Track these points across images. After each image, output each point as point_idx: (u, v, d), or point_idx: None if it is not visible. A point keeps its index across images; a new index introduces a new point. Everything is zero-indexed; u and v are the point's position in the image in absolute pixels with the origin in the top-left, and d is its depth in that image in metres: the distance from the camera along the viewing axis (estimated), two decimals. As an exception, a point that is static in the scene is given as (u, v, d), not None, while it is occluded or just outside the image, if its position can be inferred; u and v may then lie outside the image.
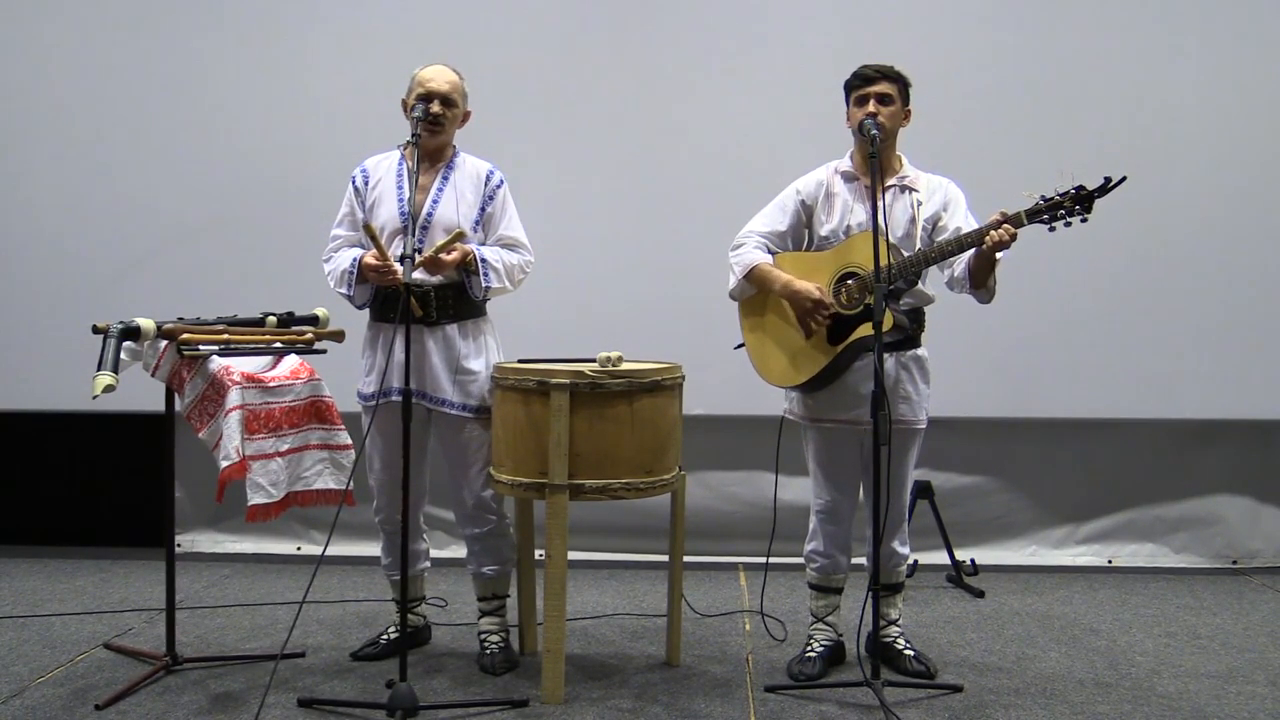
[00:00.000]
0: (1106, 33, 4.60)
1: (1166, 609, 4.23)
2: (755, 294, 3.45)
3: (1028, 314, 4.50)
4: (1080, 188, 3.11)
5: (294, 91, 4.77)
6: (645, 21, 4.72)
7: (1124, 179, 3.10)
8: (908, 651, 3.46)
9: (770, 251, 3.43)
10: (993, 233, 3.12)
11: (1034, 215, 3.14)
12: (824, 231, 3.39)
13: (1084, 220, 3.13)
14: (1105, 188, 3.11)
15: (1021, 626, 3.99)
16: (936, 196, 3.38)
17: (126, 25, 4.81)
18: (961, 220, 3.35)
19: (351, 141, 4.02)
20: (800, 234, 3.47)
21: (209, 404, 3.31)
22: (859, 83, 3.33)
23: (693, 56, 4.69)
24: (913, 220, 3.33)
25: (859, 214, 3.35)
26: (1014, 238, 3.11)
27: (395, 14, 4.73)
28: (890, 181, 3.37)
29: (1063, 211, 3.12)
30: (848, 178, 3.41)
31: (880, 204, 3.16)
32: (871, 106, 3.28)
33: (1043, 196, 3.14)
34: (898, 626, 3.53)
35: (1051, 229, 3.16)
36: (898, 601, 3.55)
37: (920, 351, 3.42)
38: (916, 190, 3.36)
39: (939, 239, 3.34)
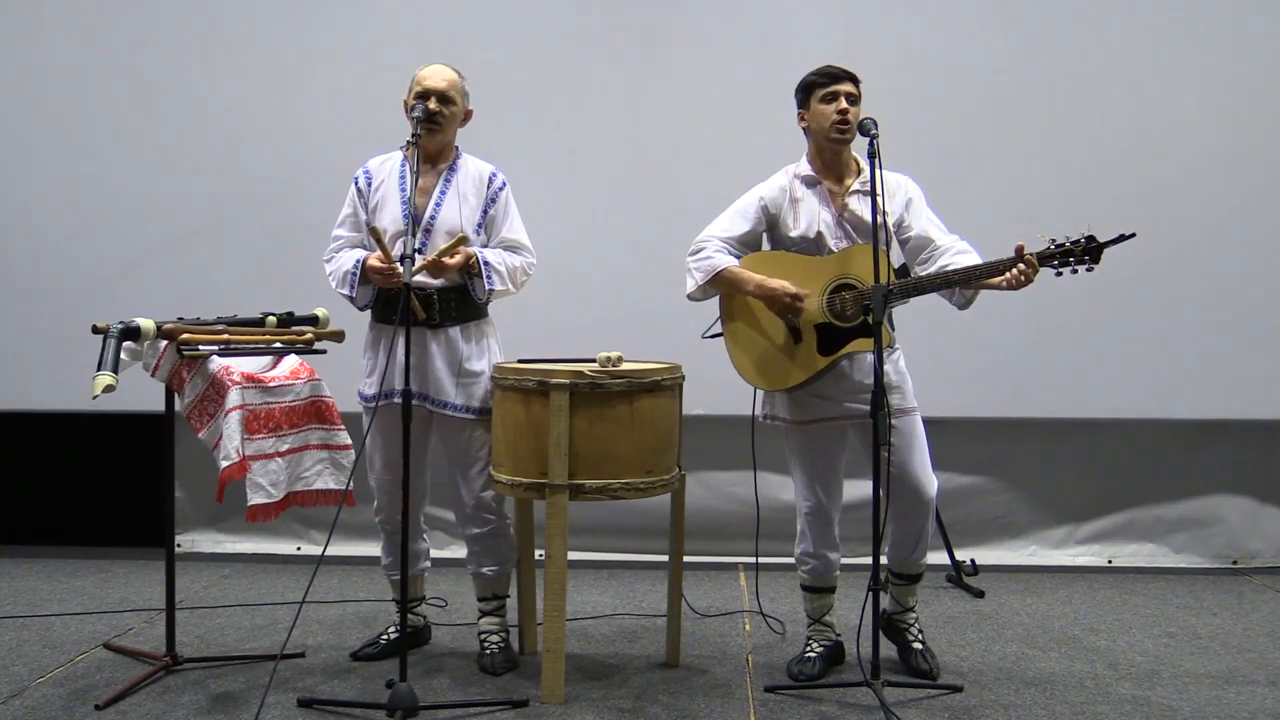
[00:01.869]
0: (1107, 35, 4.60)
1: (1166, 609, 4.23)
2: (727, 297, 3.43)
3: (1027, 314, 4.49)
4: (1091, 238, 3.09)
5: (294, 92, 4.77)
6: (646, 22, 4.72)
7: (1134, 235, 3.07)
8: (916, 644, 3.46)
9: (734, 256, 3.41)
10: (1013, 271, 3.09)
11: (1045, 259, 3.11)
12: (794, 235, 3.36)
13: (1089, 269, 3.11)
14: (1115, 241, 3.08)
15: (1021, 626, 3.99)
16: (898, 196, 3.37)
17: (126, 25, 4.80)
18: (925, 222, 3.34)
19: (351, 142, 4.02)
20: (757, 239, 3.45)
21: (209, 404, 3.31)
22: (827, 80, 3.31)
23: (694, 57, 4.68)
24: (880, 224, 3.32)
25: (827, 217, 3.35)
26: (1030, 279, 3.09)
27: (395, 14, 4.73)
28: (853, 185, 3.35)
29: (1072, 259, 3.11)
30: (809, 182, 3.39)
31: (882, 205, 3.15)
32: (842, 103, 3.28)
33: (1054, 241, 3.12)
34: (913, 614, 3.53)
35: (1058, 274, 3.14)
36: (915, 590, 3.55)
37: (895, 344, 3.42)
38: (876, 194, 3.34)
39: (903, 236, 3.35)
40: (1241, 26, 4.57)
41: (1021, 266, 3.08)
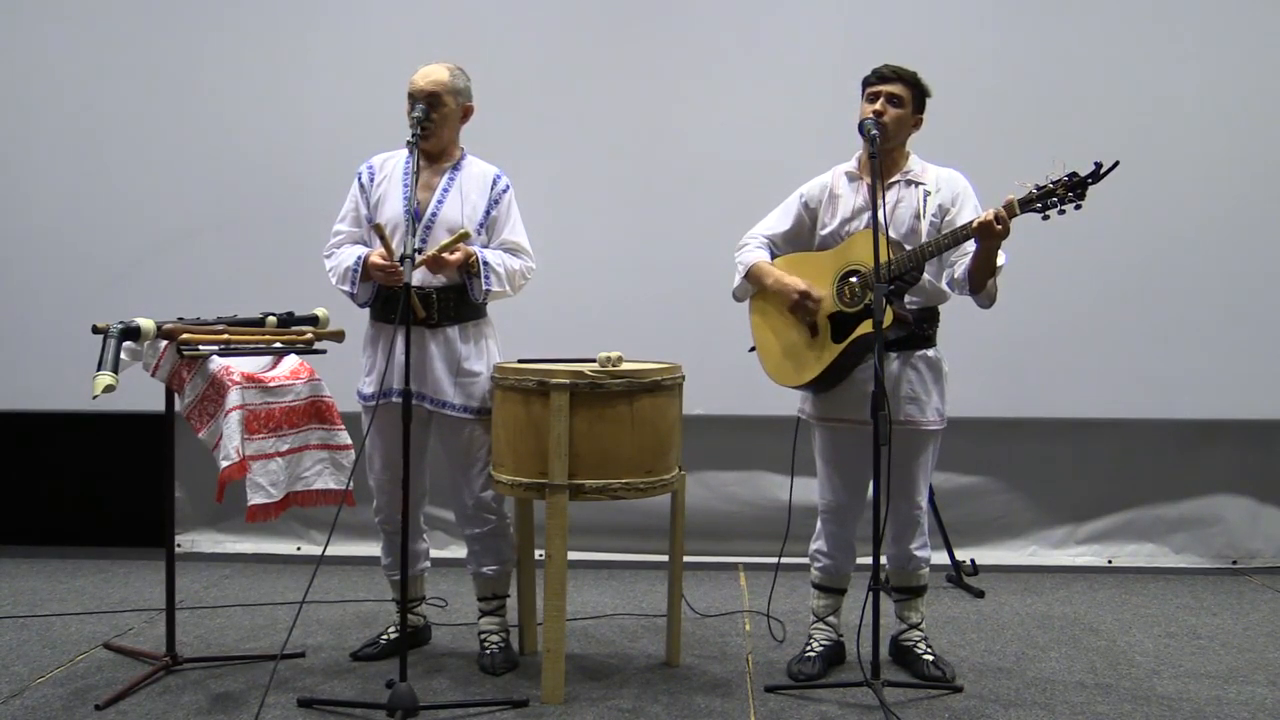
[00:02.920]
0: (1107, 32, 4.60)
1: (1166, 609, 4.23)
2: (757, 294, 3.46)
3: (1028, 314, 4.49)
4: (1073, 174, 3.07)
5: (293, 92, 4.77)
6: (646, 20, 4.72)
7: (1116, 164, 3.06)
8: (926, 656, 3.44)
9: (771, 253, 3.45)
10: (981, 214, 3.09)
11: (1026, 204, 3.09)
12: (825, 232, 3.39)
13: (1077, 208, 3.08)
14: (1097, 174, 3.07)
15: (1021, 626, 3.99)
16: (945, 189, 3.35)
17: (127, 25, 4.80)
18: (970, 216, 3.29)
19: (351, 142, 4.02)
20: (803, 237, 3.46)
21: (209, 404, 3.31)
22: (874, 79, 3.33)
23: (693, 56, 4.68)
24: (918, 215, 3.30)
25: (859, 212, 3.35)
26: (1005, 226, 3.06)
27: (395, 14, 4.73)
28: (895, 177, 3.35)
29: (1054, 199, 3.08)
30: (851, 177, 3.41)
31: (880, 201, 3.15)
32: (879, 105, 3.28)
33: (1035, 185, 3.11)
34: (920, 630, 3.50)
35: (1045, 217, 3.11)
36: (919, 605, 3.51)
37: (931, 352, 3.37)
38: (924, 183, 3.34)
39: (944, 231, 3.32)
40: (1244, 24, 4.57)
41: (997, 211, 3.06)
